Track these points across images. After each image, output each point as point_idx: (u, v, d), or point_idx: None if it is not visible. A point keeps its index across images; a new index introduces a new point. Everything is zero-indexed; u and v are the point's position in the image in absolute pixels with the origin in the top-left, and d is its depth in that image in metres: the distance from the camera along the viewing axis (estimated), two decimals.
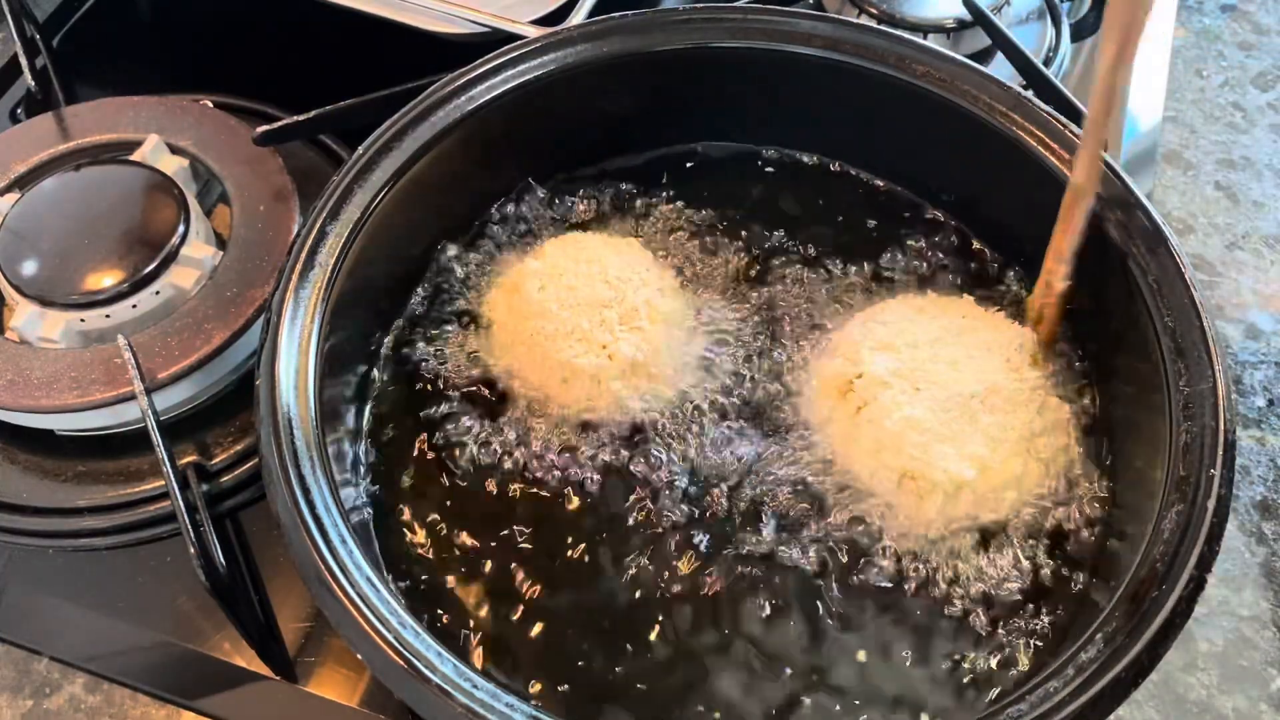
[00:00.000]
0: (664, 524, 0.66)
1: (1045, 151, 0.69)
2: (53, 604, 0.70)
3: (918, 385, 0.66)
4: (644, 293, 0.72)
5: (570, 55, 0.74)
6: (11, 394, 0.71)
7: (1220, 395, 0.59)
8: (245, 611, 0.67)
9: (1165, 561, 0.55)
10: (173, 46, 1.02)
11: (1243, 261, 0.87)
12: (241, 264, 0.77)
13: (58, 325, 0.74)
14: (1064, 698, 0.52)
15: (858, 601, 0.63)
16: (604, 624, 0.64)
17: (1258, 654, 0.69)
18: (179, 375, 0.72)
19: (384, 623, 0.54)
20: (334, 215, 0.67)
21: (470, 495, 0.68)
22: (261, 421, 0.60)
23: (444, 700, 0.52)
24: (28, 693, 0.67)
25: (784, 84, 0.75)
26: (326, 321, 0.64)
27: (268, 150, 0.82)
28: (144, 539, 0.71)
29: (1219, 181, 0.91)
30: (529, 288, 0.72)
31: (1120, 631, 0.53)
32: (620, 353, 0.69)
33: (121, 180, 0.79)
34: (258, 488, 0.72)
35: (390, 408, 0.72)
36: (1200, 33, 1.02)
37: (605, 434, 0.69)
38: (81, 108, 0.87)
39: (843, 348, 0.69)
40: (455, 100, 0.72)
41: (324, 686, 0.66)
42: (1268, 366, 0.81)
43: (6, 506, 0.72)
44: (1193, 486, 0.57)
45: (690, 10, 0.75)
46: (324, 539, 0.56)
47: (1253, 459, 0.77)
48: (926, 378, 0.66)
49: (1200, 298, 0.62)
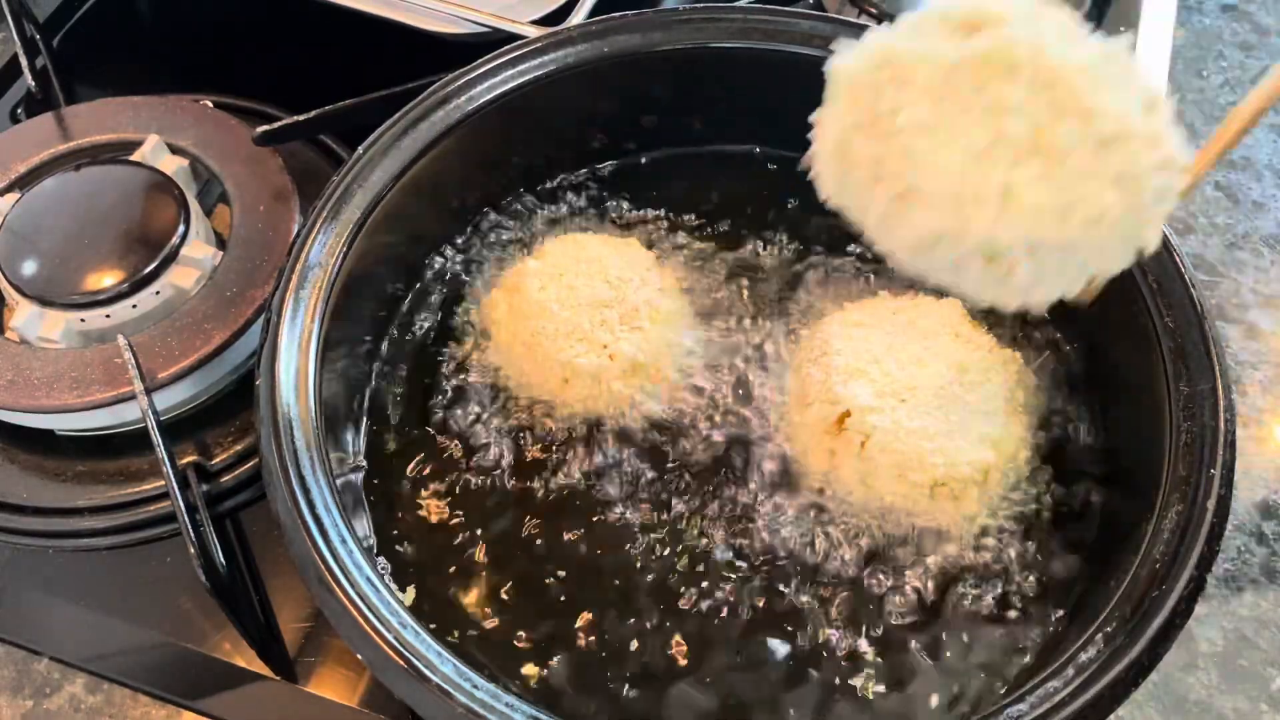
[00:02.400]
0: (681, 542, 0.66)
1: None
2: (53, 604, 0.70)
3: (901, 397, 0.66)
4: (645, 292, 0.72)
5: (570, 55, 0.74)
6: (11, 394, 0.71)
7: (1220, 395, 0.59)
8: (245, 611, 0.67)
9: (1165, 561, 0.55)
10: (173, 46, 1.02)
11: (1243, 261, 0.87)
12: (241, 264, 0.77)
13: (58, 325, 0.74)
14: (1064, 698, 0.52)
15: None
16: (612, 626, 0.64)
17: (1258, 654, 0.69)
18: (179, 375, 0.72)
19: (384, 623, 0.54)
20: (334, 215, 0.67)
21: (471, 495, 0.68)
22: (261, 421, 0.60)
23: (444, 700, 0.52)
24: (28, 693, 0.67)
25: (784, 84, 0.75)
26: (326, 321, 0.64)
27: (268, 150, 0.82)
28: (144, 539, 0.71)
29: (1219, 181, 0.91)
30: (529, 287, 0.72)
31: (1120, 631, 0.53)
32: (621, 352, 0.69)
33: (121, 180, 0.79)
34: (258, 488, 0.72)
35: (390, 407, 0.72)
36: (1200, 33, 1.02)
37: (607, 434, 0.69)
38: (81, 108, 0.87)
39: (813, 390, 0.67)
40: (455, 100, 0.72)
41: (324, 686, 0.66)
42: (1268, 366, 0.81)
43: (6, 506, 0.72)
44: (1193, 486, 0.57)
45: (690, 10, 0.75)
46: (324, 539, 0.56)
47: (1253, 459, 0.77)
48: (904, 386, 0.66)
49: (1200, 298, 0.62)
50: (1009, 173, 0.44)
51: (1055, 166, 0.44)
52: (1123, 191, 0.45)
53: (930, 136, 0.45)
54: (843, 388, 0.66)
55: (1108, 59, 0.46)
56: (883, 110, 0.46)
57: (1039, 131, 0.44)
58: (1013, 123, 0.44)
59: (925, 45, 0.46)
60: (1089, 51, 0.45)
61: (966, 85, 0.45)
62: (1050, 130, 0.44)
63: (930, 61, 0.46)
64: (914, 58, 0.46)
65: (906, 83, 0.46)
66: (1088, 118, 0.44)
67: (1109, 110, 0.44)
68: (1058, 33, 0.46)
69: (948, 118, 0.45)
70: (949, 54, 0.46)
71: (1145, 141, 0.45)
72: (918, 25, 0.48)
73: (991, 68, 0.45)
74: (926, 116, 0.45)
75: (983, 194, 0.45)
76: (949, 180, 0.45)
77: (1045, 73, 0.44)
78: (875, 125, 0.47)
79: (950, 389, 0.66)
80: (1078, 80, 0.44)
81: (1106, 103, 0.44)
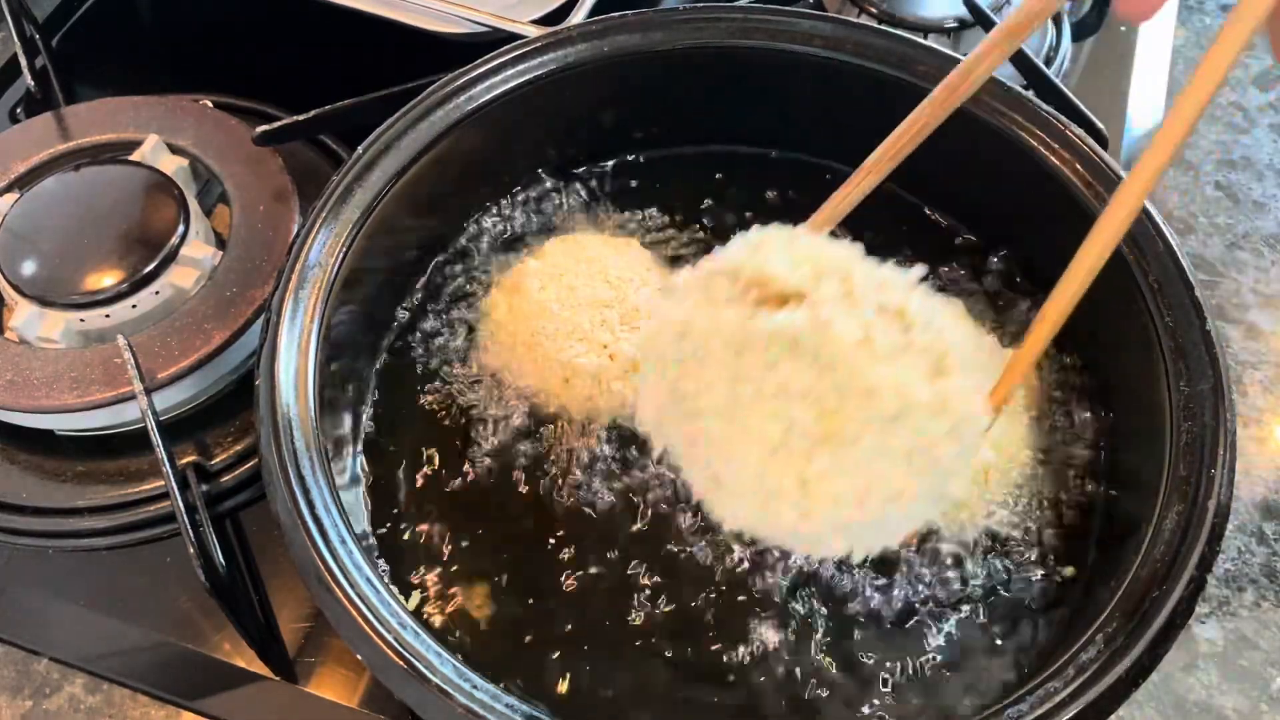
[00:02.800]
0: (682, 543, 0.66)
1: (1046, 152, 0.68)
2: (53, 604, 0.70)
3: None
4: (645, 292, 0.72)
5: (570, 55, 0.74)
6: (11, 394, 0.71)
7: (1220, 395, 0.59)
8: (245, 611, 0.67)
9: (1165, 562, 0.55)
10: (173, 46, 1.02)
11: (1243, 261, 0.87)
12: (241, 264, 0.77)
13: (58, 325, 0.74)
14: (1064, 698, 0.52)
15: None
16: (611, 630, 0.64)
17: (1258, 654, 0.69)
18: (179, 375, 0.72)
19: (384, 623, 0.54)
20: (334, 215, 0.67)
21: (471, 494, 0.68)
22: (261, 421, 0.60)
23: (444, 701, 0.52)
24: (28, 693, 0.67)
25: (784, 84, 0.75)
26: (326, 321, 0.64)
27: (268, 150, 0.82)
28: (144, 539, 0.71)
29: (1219, 181, 0.91)
30: (529, 287, 0.72)
31: (1120, 631, 0.53)
32: (622, 353, 0.69)
33: (121, 180, 0.79)
34: (258, 488, 0.72)
35: (391, 407, 0.72)
36: (1200, 32, 1.02)
37: (609, 434, 0.69)
38: (81, 108, 0.87)
39: None
40: (455, 100, 0.72)
41: (324, 686, 0.66)
42: (1268, 366, 0.81)
43: (6, 506, 0.72)
44: (1193, 487, 0.57)
45: (690, 10, 0.75)
46: (324, 539, 0.56)
47: (1253, 459, 0.77)
48: None
49: (1200, 298, 0.62)
50: (804, 467, 0.45)
51: (846, 453, 0.45)
52: (915, 467, 0.45)
53: (729, 424, 0.45)
54: None
55: (889, 321, 0.45)
56: (687, 391, 0.47)
57: (827, 417, 0.45)
58: (801, 410, 0.44)
59: (717, 317, 0.46)
60: (867, 318, 0.45)
61: (758, 364, 0.45)
62: (837, 415, 0.44)
63: (722, 335, 0.46)
64: (708, 331, 0.46)
65: (704, 359, 0.46)
66: (870, 397, 0.44)
67: (889, 386, 0.44)
68: (838, 294, 0.46)
69: (743, 405, 0.45)
70: (738, 330, 0.46)
71: (931, 411, 0.45)
72: (709, 286, 0.48)
73: (777, 346, 0.45)
74: (723, 403, 0.45)
75: (783, 488, 0.45)
76: (750, 476, 0.46)
77: (826, 351, 0.44)
78: (682, 406, 0.47)
79: None
80: (856, 358, 0.44)
81: (886, 379, 0.44)
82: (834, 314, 0.45)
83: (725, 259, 0.49)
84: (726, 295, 0.46)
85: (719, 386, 0.46)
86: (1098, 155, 0.67)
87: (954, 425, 0.45)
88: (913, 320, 0.46)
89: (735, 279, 0.47)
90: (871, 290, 0.46)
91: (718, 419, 0.46)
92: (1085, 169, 0.67)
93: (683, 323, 0.48)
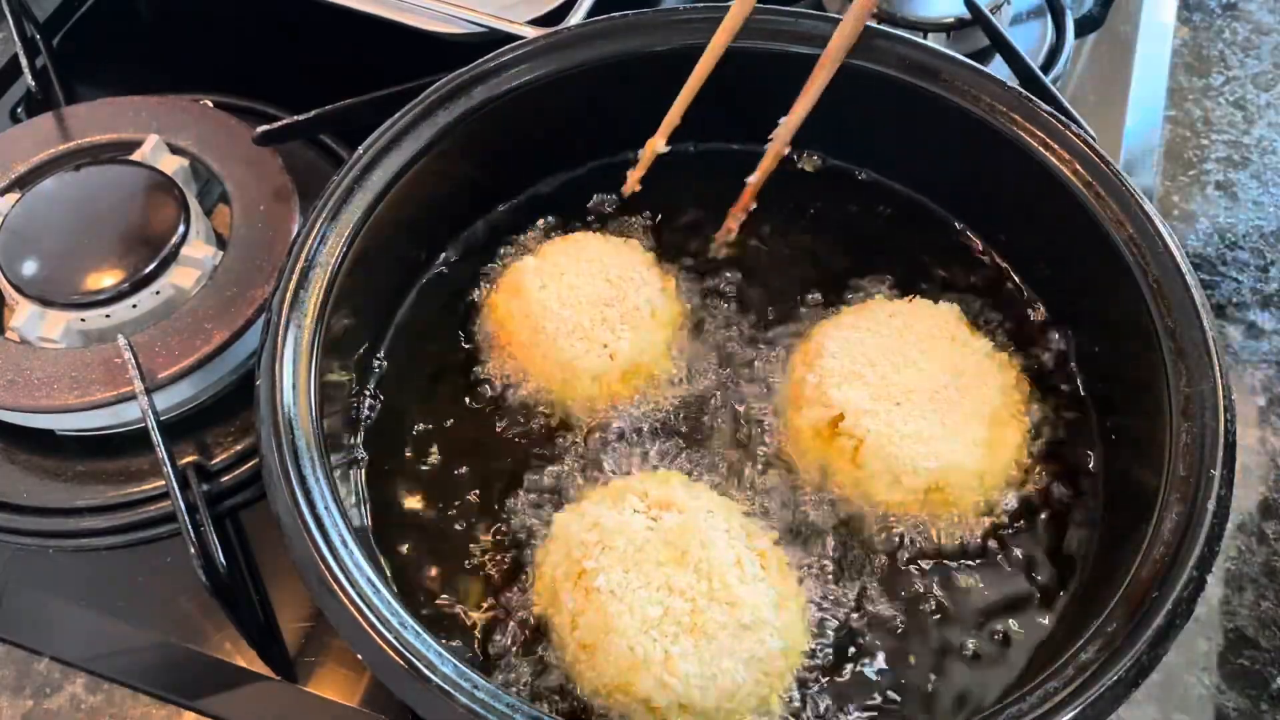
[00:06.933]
0: None
1: (1046, 152, 0.69)
2: (53, 604, 0.70)
3: (896, 400, 0.66)
4: (645, 292, 0.72)
5: (569, 55, 0.74)
6: (11, 394, 0.71)
7: (1220, 395, 0.59)
8: (245, 611, 0.67)
9: (1165, 562, 0.55)
10: (173, 46, 1.02)
11: (1243, 261, 0.87)
12: (241, 264, 0.77)
13: (58, 325, 0.74)
14: (1064, 698, 0.52)
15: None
16: None
17: (1258, 654, 0.69)
18: (179, 375, 0.72)
19: (384, 623, 0.54)
20: (334, 215, 0.67)
21: (471, 493, 0.68)
22: (261, 421, 0.60)
23: (445, 700, 0.52)
24: (28, 693, 0.67)
25: (784, 84, 0.75)
26: (326, 321, 0.64)
27: (268, 150, 0.82)
28: (144, 539, 0.71)
29: (1219, 181, 0.91)
30: (530, 286, 0.72)
31: (1120, 631, 0.53)
32: (622, 351, 0.69)
33: (121, 180, 0.79)
34: (258, 488, 0.72)
35: (391, 407, 0.72)
36: (1200, 32, 1.02)
37: (609, 433, 0.69)
38: (81, 108, 0.87)
39: (807, 393, 0.67)
40: (455, 100, 0.72)
41: (324, 686, 0.66)
42: (1268, 366, 0.81)
43: (6, 506, 0.72)
44: (1193, 487, 0.57)
45: (690, 10, 0.75)
46: (324, 539, 0.56)
47: (1253, 459, 0.77)
48: (899, 389, 0.66)
49: (1200, 298, 0.62)
50: (670, 645, 0.57)
51: (705, 643, 0.58)
52: (751, 670, 0.58)
53: (618, 601, 0.58)
54: (837, 391, 0.66)
55: (753, 556, 0.61)
56: (589, 568, 0.60)
57: (697, 613, 0.58)
58: (678, 602, 0.58)
59: (625, 520, 0.61)
60: (742, 553, 0.60)
61: (652, 560, 0.60)
62: (705, 613, 0.58)
63: (626, 534, 0.61)
64: (616, 528, 0.61)
65: (609, 548, 0.60)
66: (733, 606, 0.58)
67: (748, 602, 0.59)
68: (725, 526, 0.61)
69: (633, 588, 0.59)
70: (641, 533, 0.61)
71: (774, 630, 0.59)
72: (622, 497, 0.63)
73: (670, 550, 0.60)
74: (618, 584, 0.59)
75: (650, 658, 0.57)
76: (625, 644, 0.57)
77: (707, 563, 0.59)
78: (580, 580, 0.60)
79: (946, 392, 0.66)
80: (728, 575, 0.59)
81: (746, 597, 0.59)
82: (719, 536, 0.60)
83: (634, 482, 0.65)
84: (636, 505, 0.62)
85: (616, 570, 0.59)
86: (1097, 155, 0.67)
87: (784, 647, 0.59)
88: (769, 562, 0.61)
89: (645, 497, 0.62)
90: (745, 533, 0.62)
91: (610, 597, 0.59)
92: (1085, 169, 0.67)
93: (596, 518, 0.62)
